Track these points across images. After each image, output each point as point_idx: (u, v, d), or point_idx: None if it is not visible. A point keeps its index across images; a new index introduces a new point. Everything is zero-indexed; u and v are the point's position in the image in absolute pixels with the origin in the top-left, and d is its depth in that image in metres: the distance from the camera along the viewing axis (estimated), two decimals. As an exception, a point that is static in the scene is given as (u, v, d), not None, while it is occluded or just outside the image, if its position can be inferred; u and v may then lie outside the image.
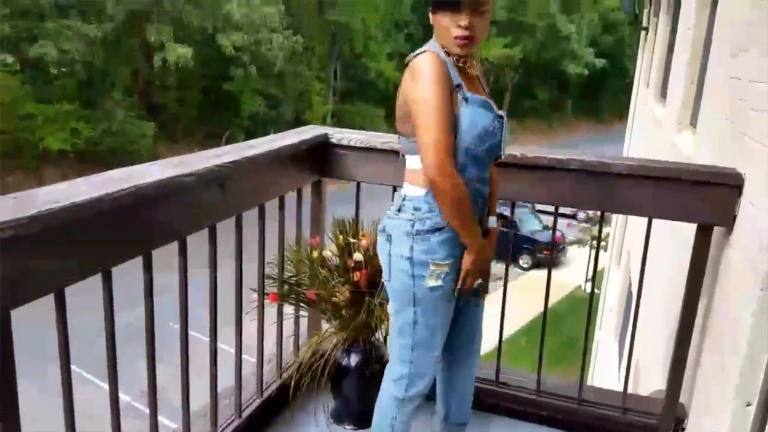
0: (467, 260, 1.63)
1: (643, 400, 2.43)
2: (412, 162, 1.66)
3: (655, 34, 7.41)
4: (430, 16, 1.62)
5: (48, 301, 1.36)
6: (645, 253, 2.16)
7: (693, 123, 3.75)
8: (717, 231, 2.02)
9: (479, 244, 1.64)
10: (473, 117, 1.59)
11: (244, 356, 2.14)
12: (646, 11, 8.68)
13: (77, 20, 21.30)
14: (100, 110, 22.67)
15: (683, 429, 2.20)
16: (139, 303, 1.61)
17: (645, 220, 2.18)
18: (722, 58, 2.60)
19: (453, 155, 1.55)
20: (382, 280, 1.79)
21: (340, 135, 2.41)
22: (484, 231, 1.71)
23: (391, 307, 1.77)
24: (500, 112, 1.66)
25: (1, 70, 20.01)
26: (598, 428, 2.31)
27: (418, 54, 1.61)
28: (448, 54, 1.61)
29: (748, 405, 1.65)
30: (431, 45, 1.63)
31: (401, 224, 1.66)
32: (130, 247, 1.53)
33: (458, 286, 1.66)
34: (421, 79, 1.55)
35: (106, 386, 1.56)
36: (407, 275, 1.65)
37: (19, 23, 20.39)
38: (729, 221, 1.94)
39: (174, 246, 1.71)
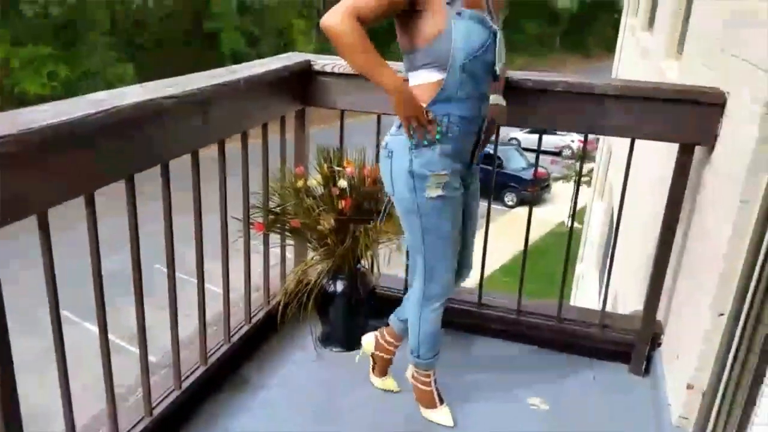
0: (392, 106, 1.70)
1: (621, 318, 2.50)
2: (413, 79, 1.72)
3: (645, -37, 7.25)
4: None
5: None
6: (627, 171, 2.18)
7: (679, 51, 3.73)
8: (698, 150, 2.04)
9: (393, 86, 1.65)
10: (467, 31, 1.62)
11: (230, 293, 2.17)
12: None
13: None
14: (78, 52, 22.05)
15: (659, 344, 2.29)
16: (123, 248, 1.59)
17: (629, 150, 2.19)
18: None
19: (357, 14, 1.56)
20: (388, 194, 1.89)
21: (323, 61, 2.37)
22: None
23: (401, 220, 1.88)
24: (495, 27, 1.68)
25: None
26: (578, 345, 2.38)
27: None
28: None
29: (720, 315, 1.71)
30: None
31: (402, 139, 1.74)
32: (112, 169, 1.52)
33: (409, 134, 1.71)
34: None
35: (94, 328, 1.57)
36: (409, 188, 1.75)
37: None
38: (711, 140, 1.95)
39: (150, 189, 1.70)
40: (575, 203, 2.33)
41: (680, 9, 3.82)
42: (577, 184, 2.33)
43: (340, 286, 2.38)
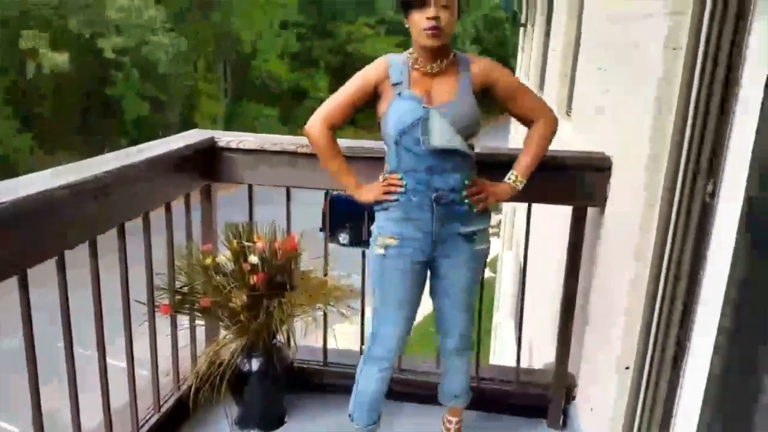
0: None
1: (535, 373, 2.57)
2: None
3: (533, 30, 7.81)
4: (406, 21, 1.78)
5: None
6: (527, 236, 2.28)
7: (568, 112, 3.99)
8: (591, 211, 2.17)
9: (352, 187, 1.93)
10: (400, 111, 1.78)
11: (141, 371, 2.05)
12: (524, 9, 9.12)
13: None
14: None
15: (573, 397, 2.35)
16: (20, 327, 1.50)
17: (527, 215, 2.30)
18: (590, 51, 2.79)
19: (330, 122, 1.87)
20: None
21: (228, 138, 2.36)
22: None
23: None
24: (427, 106, 1.78)
25: None
26: (496, 403, 2.41)
27: None
28: (417, 59, 1.80)
29: (627, 368, 1.79)
30: (400, 53, 1.87)
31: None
32: (2, 267, 1.41)
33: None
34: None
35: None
36: (370, 244, 1.93)
37: None
38: (602, 201, 2.08)
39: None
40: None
41: (566, 75, 4.12)
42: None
43: (255, 364, 2.30)
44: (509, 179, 1.92)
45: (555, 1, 5.10)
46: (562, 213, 2.74)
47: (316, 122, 1.88)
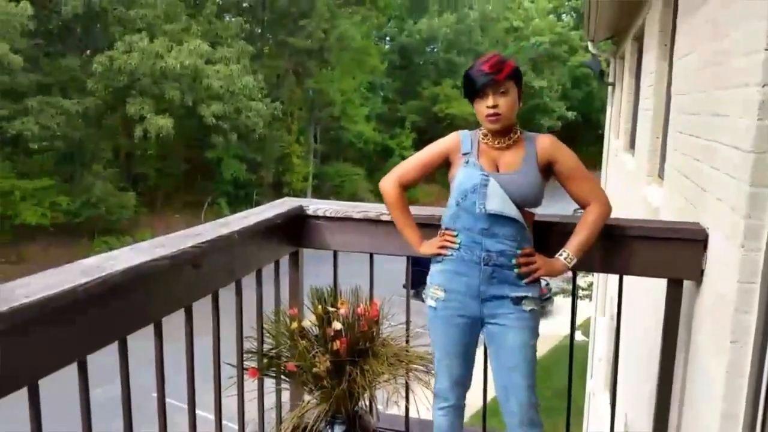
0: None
1: (630, 458, 2.40)
2: None
3: (621, 90, 7.68)
4: (473, 108, 1.96)
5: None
6: (619, 310, 2.19)
7: (660, 175, 3.86)
8: (687, 284, 2.06)
9: (414, 240, 2.09)
10: (463, 176, 1.95)
11: (229, 424, 2.10)
12: (611, 68, 9.01)
13: (58, 96, 21.65)
14: (80, 183, 22.77)
15: (672, 484, 2.18)
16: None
17: (618, 288, 2.22)
18: (680, 116, 2.71)
19: (403, 179, 2.08)
20: None
21: (315, 206, 2.45)
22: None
23: None
24: (485, 172, 1.93)
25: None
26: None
27: None
28: (486, 134, 1.98)
29: (729, 459, 1.65)
30: (471, 130, 2.05)
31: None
32: (103, 334, 1.51)
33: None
34: None
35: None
36: (424, 294, 2.06)
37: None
38: (697, 275, 1.98)
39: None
40: (572, 338, 2.31)
41: (657, 138, 4.00)
42: (573, 314, 2.33)
43: (338, 431, 2.31)
44: (562, 256, 1.97)
45: (644, 62, 5.02)
46: (655, 282, 2.62)
47: (390, 178, 2.09)
